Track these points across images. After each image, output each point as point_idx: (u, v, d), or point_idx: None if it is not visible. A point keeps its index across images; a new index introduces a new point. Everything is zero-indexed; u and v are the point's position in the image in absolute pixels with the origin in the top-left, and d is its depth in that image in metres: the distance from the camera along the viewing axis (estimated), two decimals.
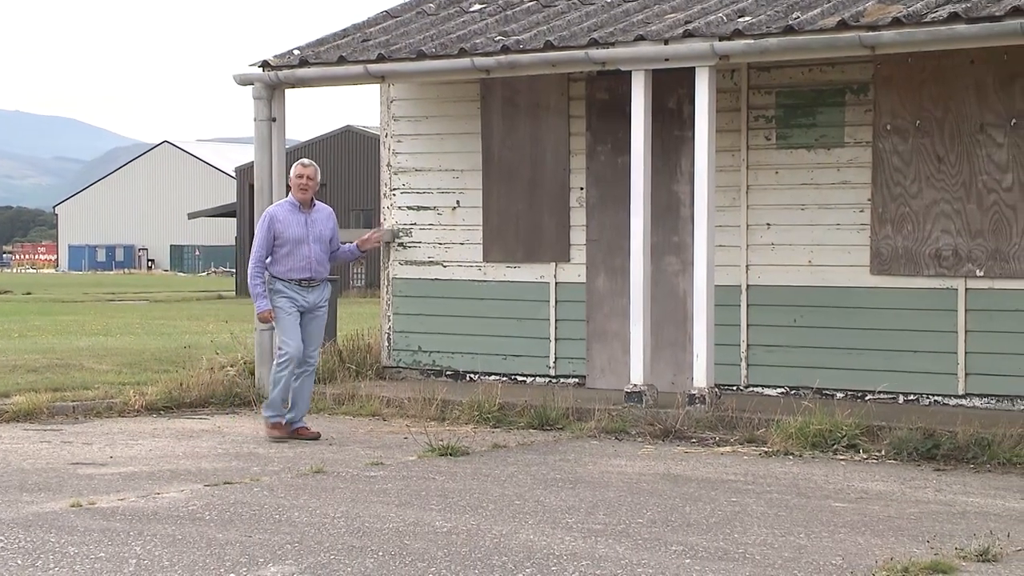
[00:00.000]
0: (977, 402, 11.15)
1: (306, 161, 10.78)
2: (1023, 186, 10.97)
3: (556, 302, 12.99)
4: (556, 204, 12.97)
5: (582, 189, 12.85)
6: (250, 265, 10.54)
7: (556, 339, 12.98)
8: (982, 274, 11.14)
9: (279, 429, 10.50)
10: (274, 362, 10.67)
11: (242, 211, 40.41)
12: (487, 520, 7.55)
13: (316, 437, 10.48)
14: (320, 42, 13.46)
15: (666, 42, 11.11)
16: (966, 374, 11.19)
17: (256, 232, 10.60)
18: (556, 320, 12.98)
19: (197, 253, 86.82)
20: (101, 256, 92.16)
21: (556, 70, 11.89)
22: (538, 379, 13.01)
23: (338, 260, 10.90)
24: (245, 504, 7.99)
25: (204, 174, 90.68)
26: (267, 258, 10.49)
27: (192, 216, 52.17)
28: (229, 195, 61.29)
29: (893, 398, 11.40)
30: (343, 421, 11.62)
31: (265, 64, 13.03)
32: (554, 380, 12.94)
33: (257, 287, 10.49)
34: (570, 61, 11.57)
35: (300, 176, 10.59)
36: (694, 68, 11.07)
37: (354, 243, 10.89)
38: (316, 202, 10.70)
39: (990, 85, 11.05)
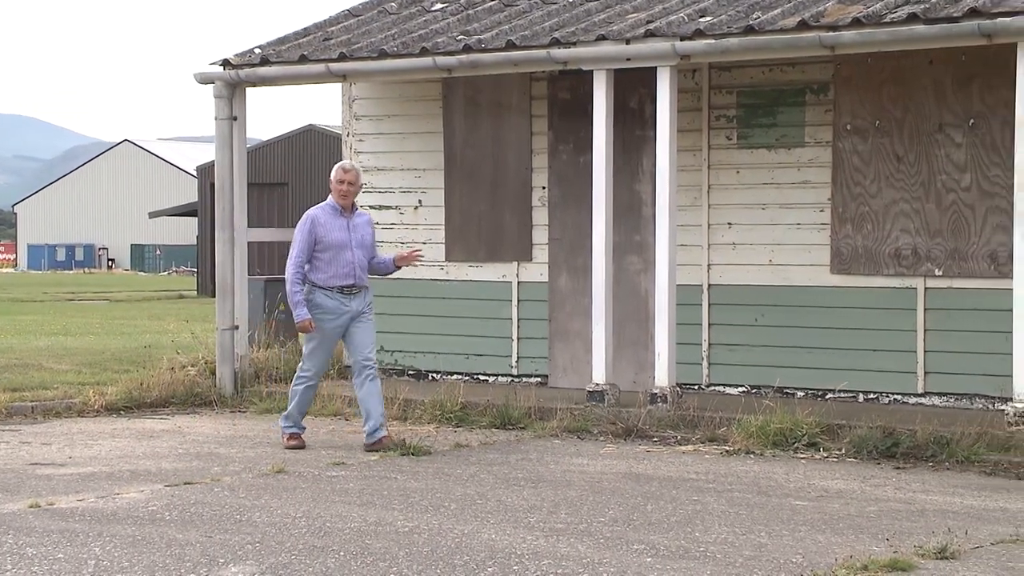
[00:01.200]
0: (936, 400, 11.22)
1: (347, 164, 10.16)
2: (981, 186, 11.06)
3: (518, 301, 12.99)
4: (518, 203, 12.98)
5: (544, 188, 12.86)
6: (289, 270, 9.86)
7: (518, 338, 12.99)
8: (941, 273, 11.22)
9: (294, 439, 10.03)
10: (294, 380, 10.16)
11: (203, 210, 40.21)
12: (449, 520, 7.54)
13: (398, 445, 9.79)
14: (281, 41, 13.42)
15: (628, 42, 11.14)
16: (925, 373, 11.27)
17: (296, 235, 9.90)
18: (518, 319, 12.99)
19: (158, 252, 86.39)
20: (61, 255, 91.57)
21: (518, 69, 11.90)
22: (500, 378, 13.01)
23: (373, 272, 10.22)
24: (206, 504, 7.96)
25: (165, 173, 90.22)
26: (307, 264, 9.87)
27: (153, 215, 51.88)
28: (190, 194, 61.02)
29: (853, 397, 11.47)
30: (304, 421, 11.56)
31: (226, 63, 12.98)
32: (516, 379, 12.94)
33: (297, 294, 9.80)
34: (532, 60, 11.57)
35: (341, 182, 9.94)
36: (656, 68, 11.10)
37: (390, 257, 10.28)
38: (357, 207, 10.23)
39: (948, 85, 11.13)
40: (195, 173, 47.68)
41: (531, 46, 11.51)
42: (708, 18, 11.16)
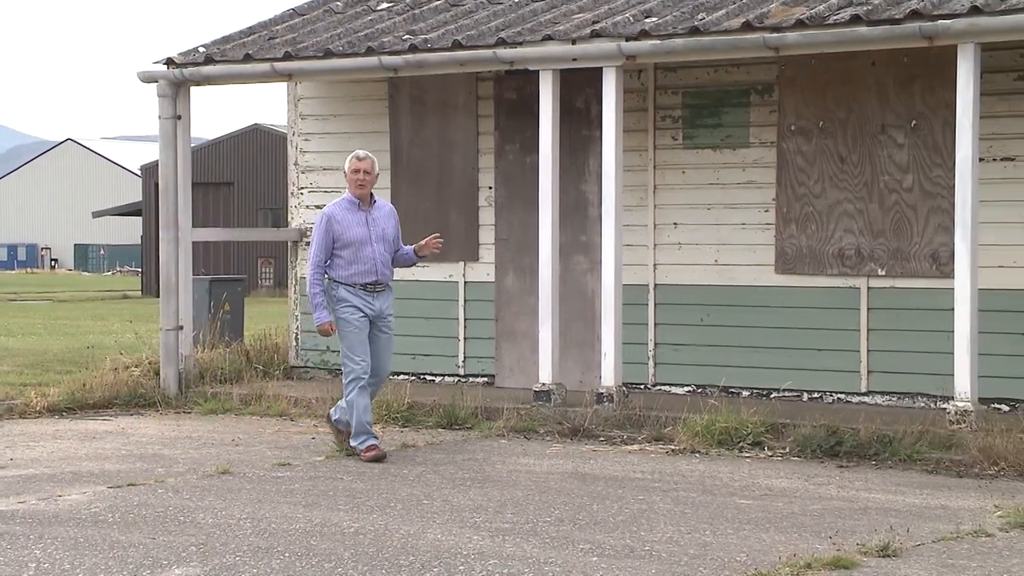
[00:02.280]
0: (879, 399, 11.32)
1: (361, 153, 9.69)
2: (923, 186, 11.16)
3: (465, 301, 12.99)
4: (465, 203, 12.97)
5: (491, 188, 12.86)
6: (309, 271, 9.54)
7: (465, 338, 12.98)
8: (884, 273, 11.32)
9: (374, 450, 9.42)
10: (343, 384, 9.58)
11: (148, 210, 39.89)
12: (395, 520, 7.53)
13: (345, 449, 9.59)
14: (226, 40, 13.34)
15: (573, 42, 11.16)
16: (868, 372, 11.36)
17: (313, 235, 9.60)
18: (465, 319, 12.98)
19: (102, 252, 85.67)
20: (2, 255, 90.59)
21: (464, 69, 11.89)
22: (447, 378, 13.00)
23: (397, 264, 9.84)
24: (149, 506, 7.90)
25: (109, 172, 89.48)
26: (327, 262, 9.49)
27: (97, 215, 51.43)
28: (134, 194, 60.57)
29: (798, 396, 11.55)
30: (250, 421, 11.53)
31: (170, 61, 12.89)
32: (463, 379, 12.94)
33: (317, 296, 9.41)
34: (478, 60, 11.57)
35: (356, 171, 9.53)
36: (601, 68, 11.13)
37: (411, 247, 9.83)
38: (376, 198, 9.71)
39: (891, 87, 11.23)
40: (139, 172, 47.33)
41: (477, 46, 11.51)
42: (653, 19, 11.20)
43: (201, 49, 13.09)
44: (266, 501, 8.06)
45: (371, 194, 9.63)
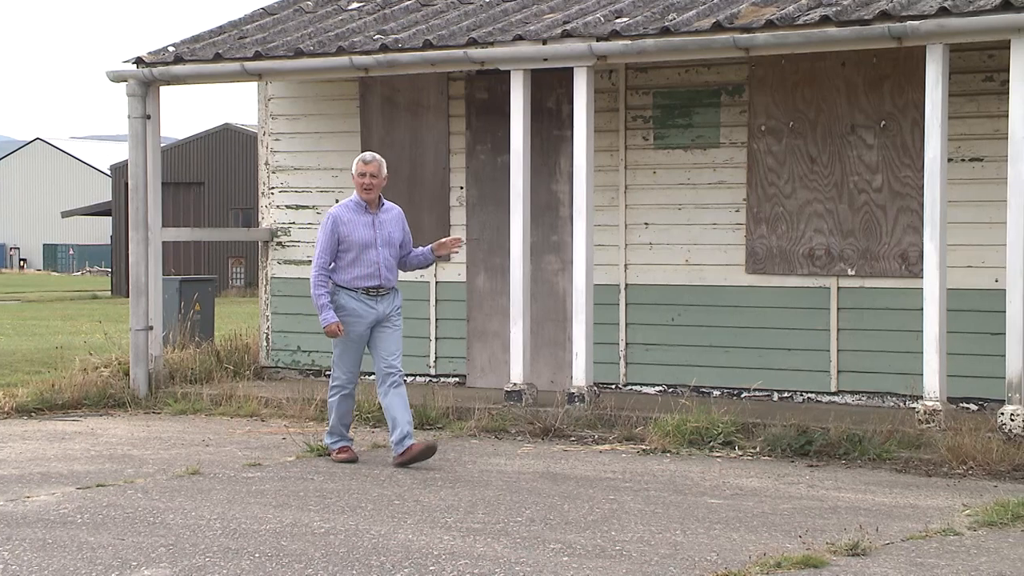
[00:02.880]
0: (849, 399, 11.37)
1: (368, 156, 9.45)
2: (892, 187, 11.22)
3: (436, 301, 12.98)
4: (436, 203, 12.96)
5: (462, 188, 12.86)
6: (313, 273, 9.31)
7: (436, 338, 12.97)
8: (853, 273, 11.36)
9: (347, 452, 9.42)
10: (329, 387, 9.57)
11: (117, 210, 39.73)
12: (366, 520, 7.52)
13: (430, 449, 9.25)
14: (196, 39, 13.30)
15: (544, 42, 11.17)
16: (838, 371, 11.41)
17: (318, 236, 9.38)
18: (436, 319, 12.97)
19: (71, 252, 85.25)
20: None
21: (435, 69, 11.88)
22: (418, 378, 12.99)
23: (410, 266, 9.69)
24: (118, 507, 7.87)
25: (78, 172, 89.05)
26: (331, 264, 9.29)
27: (66, 215, 51.20)
28: (104, 193, 60.31)
29: (768, 395, 11.58)
30: (220, 422, 11.49)
31: (139, 61, 12.84)
32: (434, 379, 12.93)
33: (321, 297, 9.20)
34: (449, 60, 11.57)
35: (362, 175, 9.32)
36: (572, 68, 11.14)
37: (429, 247, 9.65)
38: (384, 201, 9.51)
39: (860, 87, 11.28)
40: (109, 172, 47.11)
41: (448, 46, 11.50)
42: (624, 19, 11.22)
43: (171, 48, 13.04)
44: (236, 501, 8.04)
45: (380, 196, 9.43)
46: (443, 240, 9.66)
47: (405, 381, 9.42)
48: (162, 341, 13.04)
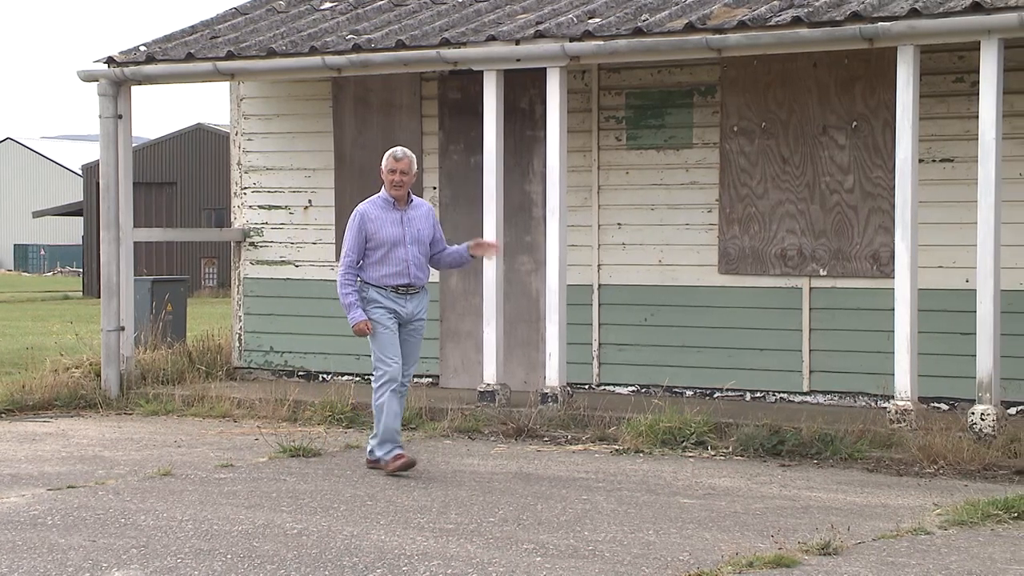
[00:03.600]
0: (821, 399, 11.41)
1: (398, 152, 9.11)
2: (864, 187, 11.26)
3: None
4: None
5: (435, 188, 12.85)
6: (340, 271, 9.04)
7: None
8: (825, 273, 11.40)
9: (402, 459, 8.95)
10: (373, 387, 9.09)
11: (89, 210, 39.53)
12: (338, 521, 7.50)
13: (407, 465, 8.98)
14: (168, 38, 13.25)
15: (517, 42, 11.17)
16: (810, 371, 11.45)
17: (346, 233, 9.13)
18: None
19: (42, 252, 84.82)
20: None
21: (408, 69, 11.87)
22: None
23: (443, 265, 9.39)
24: (89, 508, 7.83)
25: (49, 172, 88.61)
26: (359, 263, 9.04)
27: (37, 215, 50.92)
28: (76, 193, 60.05)
29: (740, 395, 11.61)
30: (192, 423, 11.46)
31: (110, 60, 12.79)
32: None
33: (349, 295, 8.96)
34: (422, 60, 11.56)
35: (392, 172, 9.04)
36: (545, 69, 11.15)
37: (464, 245, 9.37)
38: (413, 197, 9.22)
39: (832, 88, 11.32)
40: (80, 172, 46.91)
41: (421, 46, 11.50)
42: (597, 20, 11.23)
43: (142, 48, 12.99)
44: (208, 503, 8.01)
45: (408, 192, 9.18)
46: (481, 241, 9.47)
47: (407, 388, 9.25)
48: (134, 342, 12.99)
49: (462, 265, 9.58)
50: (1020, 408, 10.63)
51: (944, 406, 10.80)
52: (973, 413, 9.71)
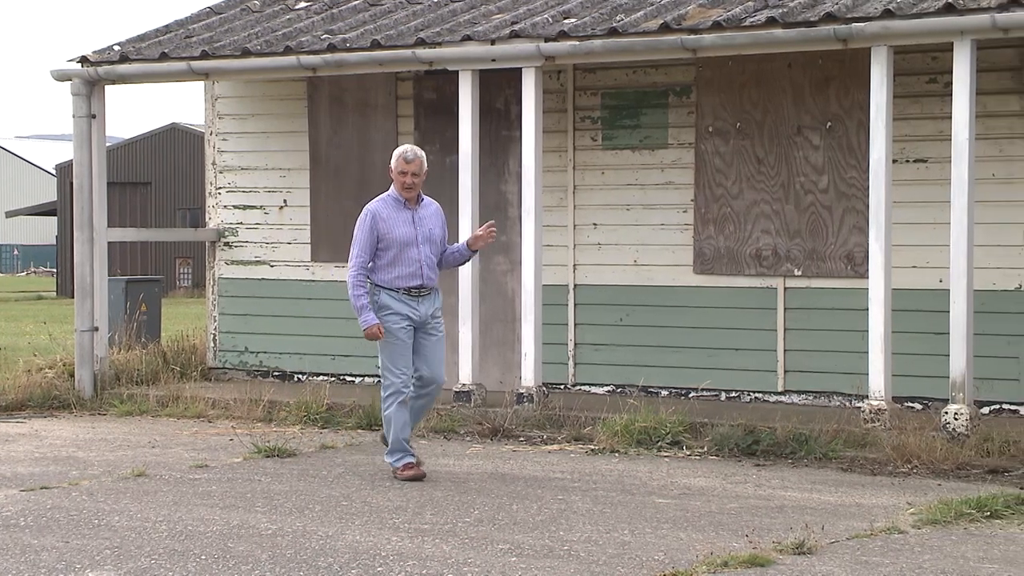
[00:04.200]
0: (795, 399, 11.44)
1: (409, 154, 8.83)
2: (838, 187, 11.30)
3: None
4: None
5: None
6: (350, 273, 8.72)
7: None
8: (800, 273, 11.43)
9: (411, 468, 8.78)
10: (381, 396, 8.93)
11: (63, 210, 39.36)
12: (313, 522, 7.49)
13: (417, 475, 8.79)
14: (141, 38, 13.20)
15: (493, 42, 11.17)
16: (785, 371, 11.48)
17: (356, 233, 8.78)
18: None
19: (16, 252, 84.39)
20: None
21: (383, 69, 11.86)
22: (367, 379, 12.95)
23: (447, 264, 9.08)
24: (63, 509, 7.79)
25: (23, 171, 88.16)
26: (370, 264, 8.74)
27: (10, 215, 50.65)
28: (49, 193, 59.77)
29: (716, 395, 11.63)
30: (167, 423, 11.42)
31: (84, 60, 12.74)
32: None
33: (361, 298, 8.64)
34: (397, 60, 11.55)
35: (403, 174, 8.77)
36: (521, 69, 11.15)
37: (464, 243, 9.12)
38: (423, 196, 8.95)
39: (806, 89, 11.35)
40: (54, 172, 46.71)
41: (396, 46, 11.48)
42: (572, 20, 11.24)
43: (116, 47, 12.94)
44: (183, 503, 7.99)
45: (419, 194, 8.91)
46: (477, 233, 9.03)
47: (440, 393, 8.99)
48: (108, 342, 12.94)
49: (465, 262, 9.33)
50: (993, 408, 10.68)
51: (918, 406, 10.85)
52: (946, 413, 9.75)
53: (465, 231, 11.39)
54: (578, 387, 12.17)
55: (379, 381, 12.76)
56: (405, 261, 8.73)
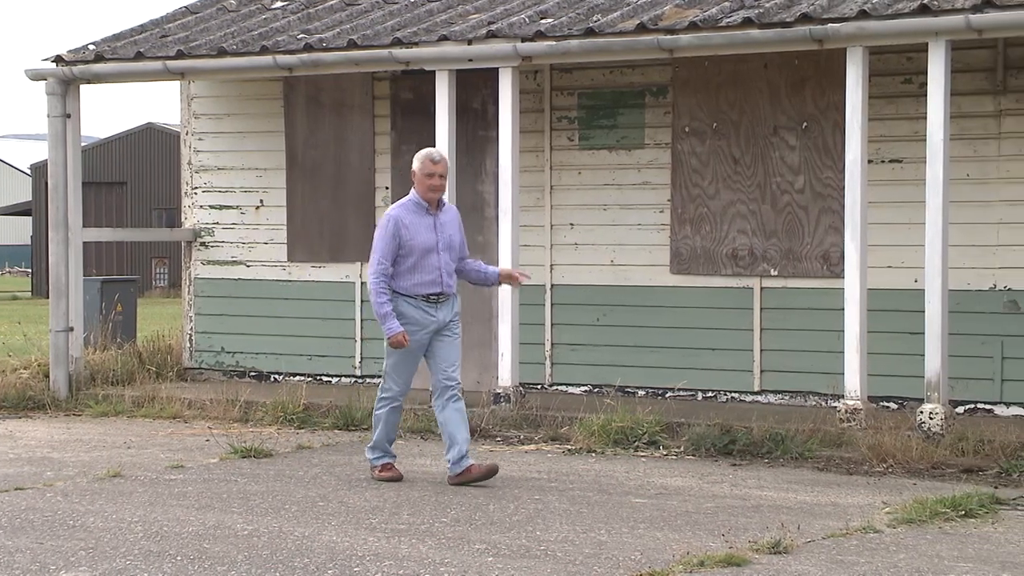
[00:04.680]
0: (772, 398, 11.46)
1: (436, 155, 8.64)
2: (814, 187, 11.33)
3: (361, 302, 12.92)
4: (361, 203, 12.92)
5: (387, 188, 12.82)
6: (372, 280, 8.52)
7: (362, 339, 12.92)
8: (776, 273, 11.46)
9: (390, 470, 8.77)
10: (377, 397, 8.87)
11: (38, 210, 39.19)
12: (290, 522, 7.47)
13: (491, 472, 8.60)
14: (117, 37, 13.16)
15: (469, 42, 11.17)
16: (761, 371, 11.50)
17: (377, 239, 8.58)
18: (362, 320, 12.92)
19: None
20: None
21: (360, 69, 11.84)
22: (344, 379, 12.94)
23: (467, 277, 8.89)
24: (37, 510, 7.76)
25: None
26: (391, 270, 8.53)
27: None
28: (24, 193, 59.49)
29: (692, 395, 11.65)
30: (143, 424, 11.38)
31: (59, 59, 12.70)
32: (360, 380, 12.88)
33: (384, 305, 8.46)
34: (374, 60, 11.53)
35: (430, 175, 8.54)
36: (498, 69, 11.15)
37: (494, 270, 9.02)
38: (444, 201, 8.74)
39: (782, 89, 11.38)
40: (29, 171, 46.50)
41: (373, 46, 11.47)
42: (549, 20, 11.25)
43: (91, 47, 12.90)
44: (158, 504, 7.96)
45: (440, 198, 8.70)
46: (512, 272, 9.08)
47: (463, 394, 8.76)
48: (83, 342, 12.90)
49: (485, 284, 9.14)
50: (968, 407, 10.73)
51: (893, 405, 10.89)
52: (922, 412, 9.79)
53: None
54: (555, 387, 12.18)
55: (356, 381, 12.82)
56: (425, 268, 8.56)
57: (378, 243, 8.57)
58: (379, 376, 12.71)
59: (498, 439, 10.43)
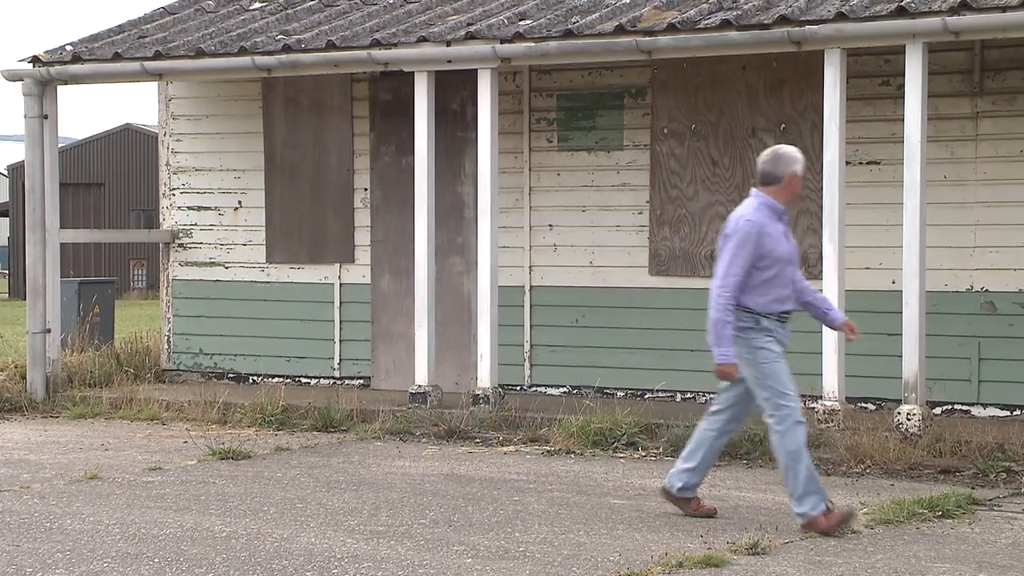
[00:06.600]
0: None
1: (799, 155, 7.58)
2: None
3: (341, 303, 12.91)
4: (340, 205, 12.90)
5: (366, 190, 12.81)
6: (721, 293, 7.38)
7: (341, 340, 12.90)
8: None
9: (829, 518, 7.26)
10: (776, 430, 7.43)
11: (15, 211, 39.03)
12: (268, 524, 7.46)
13: (711, 514, 7.69)
14: (94, 38, 13.12)
15: (448, 44, 11.17)
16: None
17: (733, 246, 7.39)
18: (341, 321, 12.90)
19: None
20: None
21: (339, 70, 11.83)
22: (323, 381, 12.92)
23: (805, 301, 7.67)
24: (14, 512, 7.73)
25: None
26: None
27: None
28: (1, 194, 59.27)
29: (671, 396, 11.67)
30: (120, 426, 11.34)
31: (36, 60, 12.65)
32: (339, 381, 12.86)
33: (728, 326, 7.34)
34: (353, 61, 11.52)
35: (802, 178, 7.59)
36: (476, 70, 11.15)
37: (841, 317, 7.96)
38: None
39: (761, 91, 11.41)
40: (6, 172, 46.31)
41: (351, 47, 11.46)
42: (528, 21, 11.25)
43: (68, 47, 12.85)
44: (136, 506, 7.94)
45: None
46: (851, 324, 7.89)
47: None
48: (60, 344, 12.85)
49: (817, 317, 7.93)
50: (945, 408, 10.77)
51: (871, 406, 10.92)
52: (899, 413, 9.82)
53: (421, 232, 11.42)
54: (534, 388, 12.18)
55: (335, 383, 12.80)
56: (782, 282, 7.44)
57: (736, 253, 7.37)
58: (359, 378, 12.77)
59: (477, 440, 10.43)
